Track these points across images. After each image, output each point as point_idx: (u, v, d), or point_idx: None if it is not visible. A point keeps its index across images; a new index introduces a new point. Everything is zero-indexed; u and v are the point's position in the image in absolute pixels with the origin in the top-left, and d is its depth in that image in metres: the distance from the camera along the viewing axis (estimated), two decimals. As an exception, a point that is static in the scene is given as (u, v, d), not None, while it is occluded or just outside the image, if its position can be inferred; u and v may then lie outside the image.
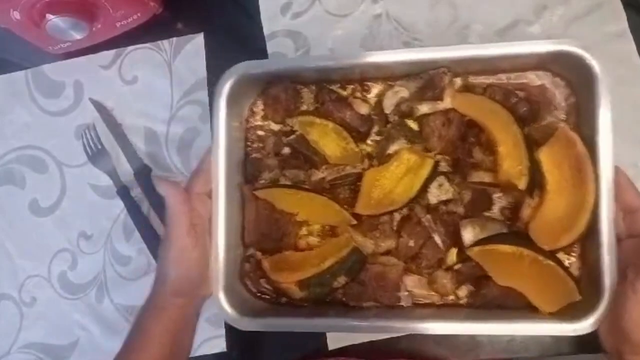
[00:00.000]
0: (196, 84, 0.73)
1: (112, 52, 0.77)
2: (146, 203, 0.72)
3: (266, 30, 0.72)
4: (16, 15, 0.64)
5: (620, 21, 0.63)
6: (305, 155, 0.58)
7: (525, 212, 0.52)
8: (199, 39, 0.74)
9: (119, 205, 0.73)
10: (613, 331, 0.47)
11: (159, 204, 0.71)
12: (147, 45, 0.76)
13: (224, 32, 0.74)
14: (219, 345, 0.67)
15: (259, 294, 0.58)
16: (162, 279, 0.54)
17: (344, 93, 0.59)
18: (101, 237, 0.73)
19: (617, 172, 0.49)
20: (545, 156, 0.51)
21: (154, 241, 0.70)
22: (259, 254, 0.58)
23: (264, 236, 0.57)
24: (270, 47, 0.72)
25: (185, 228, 0.52)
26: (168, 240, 0.53)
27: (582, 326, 0.48)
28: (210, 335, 0.66)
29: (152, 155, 0.73)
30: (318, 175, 0.56)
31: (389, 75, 0.57)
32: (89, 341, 0.71)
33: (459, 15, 0.67)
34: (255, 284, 0.58)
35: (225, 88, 0.56)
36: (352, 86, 0.59)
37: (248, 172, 0.59)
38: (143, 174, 0.72)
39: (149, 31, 0.75)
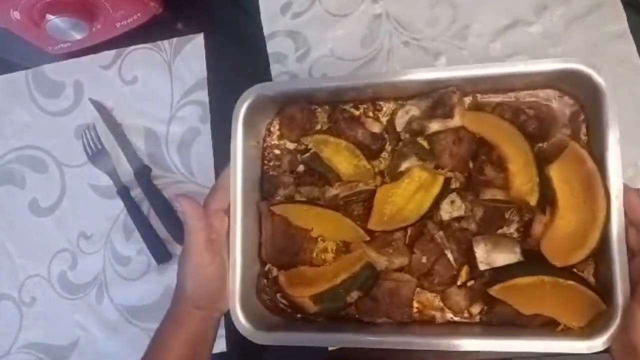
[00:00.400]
0: (196, 84, 0.73)
1: (112, 52, 0.77)
2: (146, 203, 0.72)
3: (266, 30, 0.72)
4: (16, 15, 0.64)
5: (620, 21, 0.63)
6: (319, 173, 0.59)
7: (537, 228, 0.52)
8: (199, 39, 0.74)
9: (119, 205, 0.73)
10: (624, 348, 0.47)
11: (159, 204, 0.71)
12: (147, 45, 0.76)
13: (224, 32, 0.74)
14: (220, 345, 0.67)
15: (275, 309, 0.59)
16: (181, 291, 0.55)
17: (357, 112, 0.60)
18: (101, 237, 0.73)
19: (626, 189, 0.49)
20: (555, 173, 0.51)
21: (154, 241, 0.71)
22: (275, 269, 0.59)
23: (280, 252, 0.58)
24: (270, 47, 0.72)
25: (202, 243, 0.53)
26: (186, 254, 0.54)
27: (596, 344, 0.48)
28: (210, 335, 0.66)
29: (152, 155, 0.73)
30: (332, 192, 0.57)
31: (401, 94, 0.58)
32: (89, 341, 0.71)
33: (459, 15, 0.67)
34: (272, 299, 0.59)
35: (242, 109, 0.57)
36: (364, 106, 0.60)
37: (265, 189, 0.60)
38: (143, 174, 0.72)
39: (149, 31, 0.75)
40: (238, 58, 0.73)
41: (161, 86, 0.74)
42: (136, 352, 0.56)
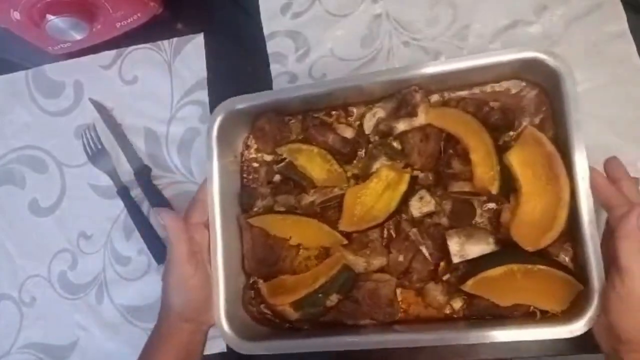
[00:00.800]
0: (196, 84, 0.73)
1: (112, 52, 0.77)
2: (146, 203, 0.72)
3: (266, 30, 0.72)
4: (16, 15, 0.64)
5: (620, 21, 0.63)
6: (294, 181, 0.60)
7: (506, 216, 0.53)
8: (199, 39, 0.74)
9: (119, 205, 0.73)
10: (605, 330, 0.47)
11: (159, 204, 0.71)
12: (147, 45, 0.76)
13: (224, 32, 0.74)
14: (219, 345, 0.67)
15: (263, 320, 0.59)
16: (166, 304, 0.55)
17: (329, 119, 0.61)
18: (101, 237, 0.73)
19: (593, 171, 0.49)
20: (515, 158, 0.52)
21: (154, 241, 0.71)
22: (260, 281, 0.59)
23: (260, 263, 0.58)
24: (270, 47, 0.72)
25: (185, 256, 0.53)
26: (169, 267, 0.54)
27: (577, 327, 0.48)
28: (210, 335, 0.66)
29: (152, 155, 0.73)
30: (308, 199, 0.57)
31: (369, 98, 0.59)
32: (89, 341, 0.71)
33: (459, 15, 0.67)
34: (258, 310, 0.59)
35: (215, 124, 0.58)
36: (336, 112, 0.61)
37: (243, 202, 0.61)
38: (143, 174, 0.72)
39: (149, 31, 0.75)
40: (238, 58, 0.73)
41: (161, 86, 0.74)
42: (136, 352, 0.56)
